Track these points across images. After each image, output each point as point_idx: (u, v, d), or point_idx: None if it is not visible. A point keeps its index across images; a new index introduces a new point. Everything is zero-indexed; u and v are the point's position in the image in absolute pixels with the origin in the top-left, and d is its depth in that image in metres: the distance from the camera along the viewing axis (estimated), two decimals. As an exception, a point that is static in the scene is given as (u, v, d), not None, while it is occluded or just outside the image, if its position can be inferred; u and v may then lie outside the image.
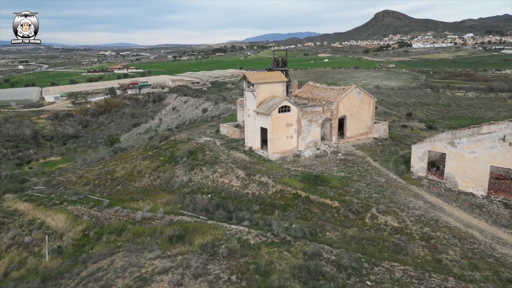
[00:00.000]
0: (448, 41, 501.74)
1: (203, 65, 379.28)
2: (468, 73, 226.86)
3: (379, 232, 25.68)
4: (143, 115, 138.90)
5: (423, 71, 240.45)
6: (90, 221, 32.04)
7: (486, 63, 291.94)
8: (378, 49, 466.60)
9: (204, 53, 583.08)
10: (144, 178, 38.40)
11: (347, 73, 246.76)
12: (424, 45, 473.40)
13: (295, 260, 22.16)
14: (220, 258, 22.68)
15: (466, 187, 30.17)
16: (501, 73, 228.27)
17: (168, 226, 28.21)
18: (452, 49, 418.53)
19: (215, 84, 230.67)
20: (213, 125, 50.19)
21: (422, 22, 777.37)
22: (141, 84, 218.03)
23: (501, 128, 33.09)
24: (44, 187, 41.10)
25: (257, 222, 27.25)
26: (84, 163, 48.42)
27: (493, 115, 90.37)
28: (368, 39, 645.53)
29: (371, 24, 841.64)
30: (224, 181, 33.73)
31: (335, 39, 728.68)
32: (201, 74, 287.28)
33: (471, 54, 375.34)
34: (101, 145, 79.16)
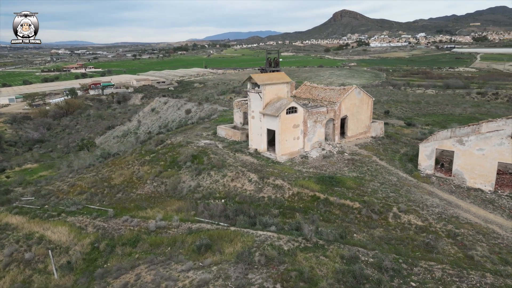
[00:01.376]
0: (403, 41, 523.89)
1: (166, 63, 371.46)
2: (424, 71, 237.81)
3: (405, 232, 26.09)
4: (111, 117, 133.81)
5: (383, 69, 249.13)
6: (97, 233, 30.17)
7: (439, 61, 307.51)
8: (338, 48, 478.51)
9: (165, 51, 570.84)
10: (146, 185, 36.73)
11: (312, 72, 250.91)
12: (381, 44, 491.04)
13: (334, 264, 21.96)
14: (258, 266, 22.05)
15: (474, 183, 31.40)
16: (454, 70, 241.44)
17: (189, 235, 27.10)
18: (407, 48, 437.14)
19: (182, 84, 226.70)
20: (207, 127, 49.00)
21: (378, 22, 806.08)
22: (104, 84, 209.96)
23: (500, 126, 34.76)
24: (33, 198, 38.29)
25: (282, 227, 26.81)
26: (70, 170, 45.61)
27: (460, 111, 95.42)
28: (327, 38, 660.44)
29: (330, 24, 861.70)
30: (236, 185, 32.95)
31: (296, 38, 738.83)
32: (166, 73, 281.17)
33: (425, 53, 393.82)
34: (74, 149, 75.22)
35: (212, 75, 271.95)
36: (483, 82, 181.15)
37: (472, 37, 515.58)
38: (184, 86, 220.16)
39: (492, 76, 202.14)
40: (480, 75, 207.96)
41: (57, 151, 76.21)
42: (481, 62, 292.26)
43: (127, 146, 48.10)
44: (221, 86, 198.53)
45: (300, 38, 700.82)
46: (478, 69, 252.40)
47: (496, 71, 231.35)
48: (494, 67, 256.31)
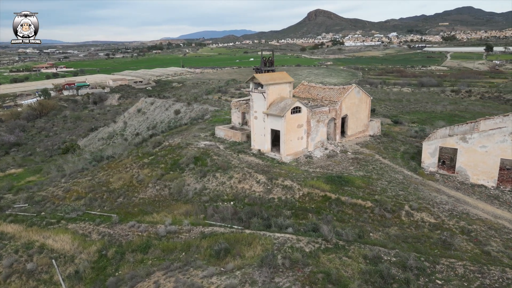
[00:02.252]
0: (376, 40, 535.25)
1: (141, 63, 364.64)
2: (398, 70, 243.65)
3: (419, 230, 26.44)
4: (90, 118, 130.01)
5: (359, 68, 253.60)
6: (103, 240, 29.04)
7: (412, 60, 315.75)
8: (313, 47, 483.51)
9: (139, 50, 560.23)
10: (148, 188, 35.71)
11: (290, 71, 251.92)
12: (355, 44, 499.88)
13: (358, 265, 21.93)
14: (283, 269, 21.74)
15: (477, 180, 32.23)
16: (427, 69, 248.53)
17: (204, 239, 26.47)
18: (381, 47, 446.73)
19: (160, 83, 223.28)
20: (202, 127, 48.19)
21: (351, 22, 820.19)
22: (78, 84, 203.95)
23: (497, 123, 35.84)
24: (27, 205, 36.51)
25: (298, 229, 26.60)
26: (62, 175, 43.81)
27: (441, 108, 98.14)
28: (303, 37, 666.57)
29: (304, 23, 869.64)
30: (244, 187, 32.51)
31: (271, 37, 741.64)
32: (142, 73, 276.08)
33: (398, 52, 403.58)
34: (57, 152, 72.51)
35: (190, 75, 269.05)
36: (455, 80, 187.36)
37: (441, 37, 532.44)
38: (162, 85, 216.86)
39: (463, 74, 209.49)
40: (451, 74, 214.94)
41: (39, 154, 73.23)
42: (452, 60, 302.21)
43: (119, 148, 46.66)
44: (202, 86, 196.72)
45: (276, 37, 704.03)
46: (449, 67, 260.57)
47: (467, 69, 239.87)
48: (464, 66, 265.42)
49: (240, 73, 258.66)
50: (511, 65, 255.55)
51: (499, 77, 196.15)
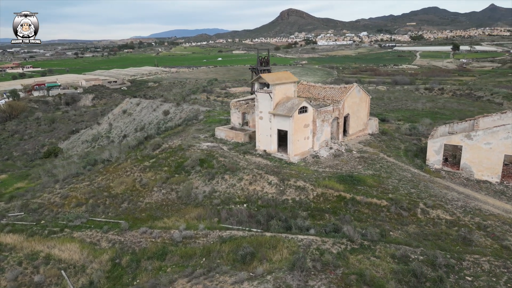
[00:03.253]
0: (348, 39, 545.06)
1: (112, 62, 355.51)
2: (372, 68, 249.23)
3: (437, 227, 26.85)
4: (66, 120, 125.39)
5: (334, 67, 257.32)
6: (114, 248, 27.86)
7: (384, 59, 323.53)
8: (287, 46, 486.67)
9: (109, 49, 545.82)
10: (153, 192, 34.60)
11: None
12: (328, 43, 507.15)
13: (388, 264, 22.00)
14: (315, 272, 21.51)
15: (482, 176, 33.17)
16: (398, 67, 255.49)
17: (224, 244, 25.84)
18: (353, 46, 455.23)
19: (135, 83, 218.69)
20: (200, 128, 47.21)
21: (323, 21, 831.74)
22: (49, 84, 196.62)
23: (494, 120, 37.02)
24: (23, 213, 34.56)
25: (320, 230, 26.43)
26: (54, 180, 41.79)
27: (422, 106, 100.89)
28: (276, 36, 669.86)
29: (277, 22, 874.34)
30: (255, 188, 32.03)
31: (244, 36, 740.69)
32: (115, 73, 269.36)
33: (370, 51, 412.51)
34: (38, 156, 69.36)
35: (165, 74, 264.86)
36: (426, 78, 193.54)
37: (409, 36, 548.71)
38: (138, 85, 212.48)
39: (433, 73, 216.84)
40: (422, 72, 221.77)
41: (18, 159, 69.78)
42: (422, 59, 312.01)
43: (115, 151, 45.00)
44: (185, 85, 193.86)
45: (249, 36, 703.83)
46: (419, 66, 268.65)
47: (436, 68, 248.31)
48: (434, 64, 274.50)
49: (216, 72, 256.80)
50: (477, 63, 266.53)
51: (467, 75, 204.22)
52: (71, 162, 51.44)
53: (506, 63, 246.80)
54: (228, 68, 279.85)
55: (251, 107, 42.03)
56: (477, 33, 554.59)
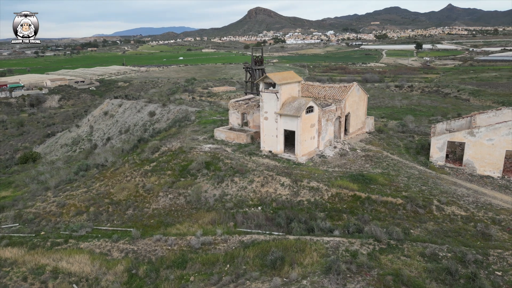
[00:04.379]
0: (315, 38, 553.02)
1: (76, 61, 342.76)
2: (341, 67, 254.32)
3: (454, 223, 27.37)
4: (34, 122, 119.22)
5: (305, 66, 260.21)
6: (128, 258, 26.49)
7: (352, 57, 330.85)
8: (257, 44, 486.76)
9: (72, 48, 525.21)
10: (160, 198, 33.25)
11: (239, 69, 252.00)
12: (296, 41, 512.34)
13: (419, 263, 22.12)
14: (350, 274, 21.30)
15: (484, 171, 34.25)
16: (367, 65, 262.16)
17: (247, 249, 25.15)
18: (321, 45, 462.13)
19: (104, 83, 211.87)
20: (196, 130, 45.96)
21: (290, 20, 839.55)
22: (11, 85, 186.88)
23: (490, 117, 38.35)
24: (18, 224, 32.28)
25: (343, 231, 26.27)
26: (44, 188, 39.41)
27: (399, 103, 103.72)
28: (244, 34, 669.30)
29: (245, 21, 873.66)
30: (268, 190, 31.47)
31: (212, 34, 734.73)
32: (81, 72, 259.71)
33: (338, 50, 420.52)
34: (13, 162, 65.36)
35: (135, 73, 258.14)
36: (394, 76, 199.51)
37: (374, 35, 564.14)
38: (107, 85, 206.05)
39: (400, 70, 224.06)
40: (390, 70, 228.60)
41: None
42: (388, 57, 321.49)
43: (108, 154, 43.02)
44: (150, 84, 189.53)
45: (217, 35, 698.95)
46: (386, 64, 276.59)
47: (402, 66, 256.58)
48: (400, 62, 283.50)
49: (188, 71, 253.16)
50: (440, 61, 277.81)
51: (432, 73, 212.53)
52: (57, 168, 48.79)
53: (467, 61, 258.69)
54: (200, 67, 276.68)
55: (251, 107, 41.37)
56: (437, 32, 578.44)
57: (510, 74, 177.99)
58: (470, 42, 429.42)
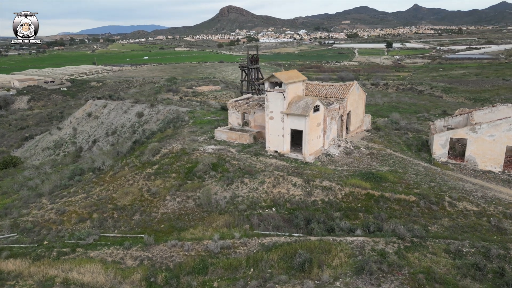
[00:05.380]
0: (288, 37, 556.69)
1: (43, 60, 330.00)
2: (316, 65, 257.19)
3: (468, 218, 27.89)
4: (5, 125, 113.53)
5: (281, 64, 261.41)
6: (144, 266, 25.38)
7: (326, 56, 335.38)
8: (230, 43, 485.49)
9: (38, 46, 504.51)
10: (167, 201, 32.13)
11: (215, 68, 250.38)
12: (269, 40, 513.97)
13: (446, 260, 22.35)
14: (382, 274, 21.24)
15: (485, 166, 35.23)
16: (341, 64, 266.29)
17: (270, 252, 24.62)
18: (294, 44, 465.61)
19: (75, 83, 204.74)
20: (194, 131, 44.83)
21: (263, 19, 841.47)
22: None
23: (486, 113, 39.50)
24: (16, 234, 30.33)
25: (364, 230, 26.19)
26: (37, 194, 37.35)
27: (380, 100, 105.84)
28: (217, 33, 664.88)
29: (218, 19, 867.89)
30: (280, 191, 31.04)
31: (184, 33, 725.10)
32: (50, 72, 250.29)
33: (311, 48, 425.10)
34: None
35: (107, 73, 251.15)
36: (368, 74, 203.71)
37: (345, 34, 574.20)
38: (79, 85, 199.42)
39: (373, 69, 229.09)
40: (363, 68, 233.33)
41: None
42: (360, 56, 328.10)
43: (103, 158, 41.29)
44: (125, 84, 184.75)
45: (189, 33, 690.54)
46: (359, 62, 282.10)
47: (375, 64, 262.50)
48: (372, 61, 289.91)
49: (162, 70, 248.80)
50: (410, 59, 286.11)
51: (403, 71, 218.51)
52: (45, 173, 46.49)
53: (435, 59, 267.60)
54: (174, 66, 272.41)
55: (252, 107, 40.78)
56: (405, 31, 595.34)
57: (477, 71, 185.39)
58: (436, 41, 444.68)
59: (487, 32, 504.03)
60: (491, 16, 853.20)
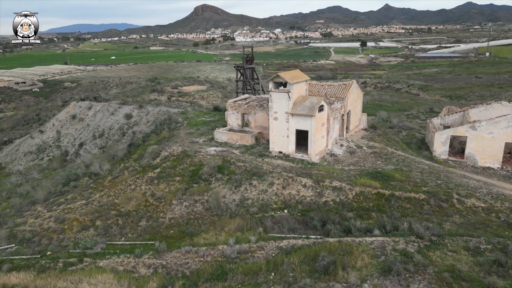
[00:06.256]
0: (264, 36, 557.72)
1: (11, 60, 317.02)
2: (294, 64, 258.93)
3: (478, 215, 28.39)
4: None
5: (259, 63, 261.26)
6: (159, 274, 24.44)
7: (302, 55, 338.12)
8: (206, 42, 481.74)
9: (3, 46, 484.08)
10: (173, 206, 31.16)
11: (192, 67, 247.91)
12: (245, 39, 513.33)
13: (466, 257, 22.60)
14: (409, 274, 21.24)
15: (484, 163, 36.10)
16: (318, 63, 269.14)
17: (290, 255, 24.20)
18: (271, 43, 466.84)
19: (48, 83, 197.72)
20: (191, 132, 43.78)
21: (238, 18, 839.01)
22: None
23: (481, 111, 40.53)
24: (14, 245, 28.63)
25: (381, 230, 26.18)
26: (29, 202, 35.52)
27: (363, 99, 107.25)
28: (192, 32, 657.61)
29: (192, 18, 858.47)
30: (291, 192, 30.67)
31: (158, 31, 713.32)
32: (20, 72, 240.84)
33: (288, 47, 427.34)
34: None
35: (81, 73, 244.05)
36: (345, 72, 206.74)
37: (320, 33, 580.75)
38: (52, 86, 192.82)
39: (350, 67, 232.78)
40: (340, 67, 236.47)
41: None
42: (336, 55, 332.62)
43: (95, 164, 39.70)
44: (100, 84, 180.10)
45: (163, 32, 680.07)
46: (336, 61, 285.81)
47: (351, 63, 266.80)
48: (348, 59, 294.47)
49: (139, 70, 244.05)
50: (384, 58, 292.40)
51: (379, 69, 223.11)
52: (33, 179, 44.37)
53: (409, 58, 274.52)
54: (150, 65, 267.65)
55: (252, 107, 40.24)
56: (377, 30, 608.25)
57: (449, 69, 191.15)
58: (408, 40, 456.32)
59: (455, 31, 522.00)
60: (458, 15, 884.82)
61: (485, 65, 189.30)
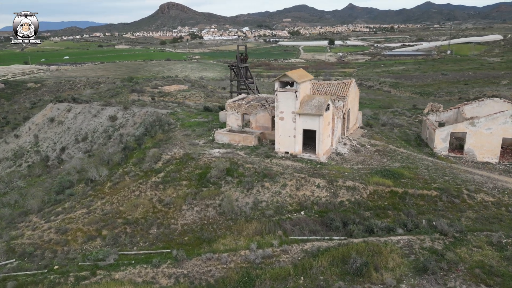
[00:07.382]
0: (232, 34, 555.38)
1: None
2: (265, 63, 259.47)
3: (489, 209, 29.08)
4: None
5: (228, 62, 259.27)
6: (182, 284, 23.26)
7: (273, 54, 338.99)
8: (173, 40, 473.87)
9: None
10: (184, 211, 29.88)
11: (162, 66, 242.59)
12: (214, 37, 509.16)
13: (491, 252, 23.03)
14: (444, 272, 21.35)
15: (483, 158, 37.22)
16: (288, 61, 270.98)
17: (318, 258, 23.73)
18: (239, 41, 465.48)
19: (9, 84, 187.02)
20: (188, 134, 42.34)
21: (205, 16, 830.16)
22: None
23: (474, 107, 41.79)
24: (14, 260, 26.42)
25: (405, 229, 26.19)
26: (21, 213, 33.08)
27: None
28: (158, 30, 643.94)
29: (158, 16, 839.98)
30: (305, 193, 30.20)
31: (122, 29, 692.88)
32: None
33: (257, 46, 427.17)
34: None
35: (44, 73, 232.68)
36: (316, 71, 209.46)
37: (288, 32, 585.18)
38: (14, 87, 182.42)
39: (320, 66, 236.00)
40: (311, 65, 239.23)
41: None
42: (306, 53, 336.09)
43: (89, 168, 37.60)
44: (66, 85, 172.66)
45: (128, 30, 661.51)
46: (306, 59, 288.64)
47: (320, 61, 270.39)
48: (317, 58, 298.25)
49: (106, 70, 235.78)
50: (352, 56, 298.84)
51: (348, 67, 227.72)
52: (19, 187, 41.50)
53: (375, 56, 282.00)
54: (118, 65, 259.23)
55: (253, 107, 39.44)
56: (343, 29, 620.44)
57: (415, 67, 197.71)
58: (373, 38, 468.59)
59: (416, 30, 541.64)
60: (418, 15, 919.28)
61: (448, 63, 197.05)
